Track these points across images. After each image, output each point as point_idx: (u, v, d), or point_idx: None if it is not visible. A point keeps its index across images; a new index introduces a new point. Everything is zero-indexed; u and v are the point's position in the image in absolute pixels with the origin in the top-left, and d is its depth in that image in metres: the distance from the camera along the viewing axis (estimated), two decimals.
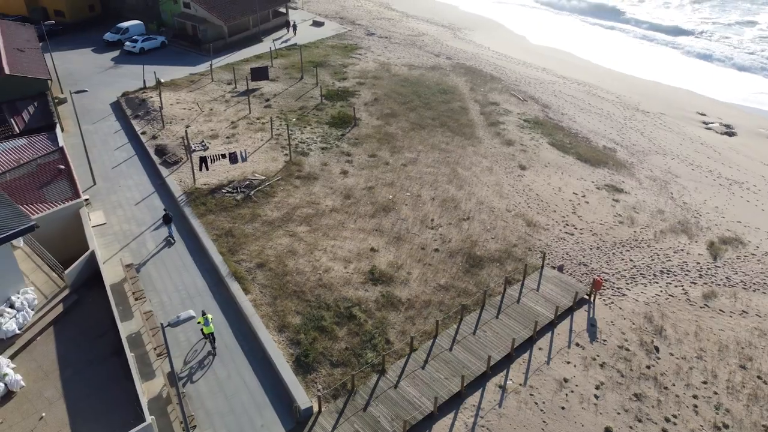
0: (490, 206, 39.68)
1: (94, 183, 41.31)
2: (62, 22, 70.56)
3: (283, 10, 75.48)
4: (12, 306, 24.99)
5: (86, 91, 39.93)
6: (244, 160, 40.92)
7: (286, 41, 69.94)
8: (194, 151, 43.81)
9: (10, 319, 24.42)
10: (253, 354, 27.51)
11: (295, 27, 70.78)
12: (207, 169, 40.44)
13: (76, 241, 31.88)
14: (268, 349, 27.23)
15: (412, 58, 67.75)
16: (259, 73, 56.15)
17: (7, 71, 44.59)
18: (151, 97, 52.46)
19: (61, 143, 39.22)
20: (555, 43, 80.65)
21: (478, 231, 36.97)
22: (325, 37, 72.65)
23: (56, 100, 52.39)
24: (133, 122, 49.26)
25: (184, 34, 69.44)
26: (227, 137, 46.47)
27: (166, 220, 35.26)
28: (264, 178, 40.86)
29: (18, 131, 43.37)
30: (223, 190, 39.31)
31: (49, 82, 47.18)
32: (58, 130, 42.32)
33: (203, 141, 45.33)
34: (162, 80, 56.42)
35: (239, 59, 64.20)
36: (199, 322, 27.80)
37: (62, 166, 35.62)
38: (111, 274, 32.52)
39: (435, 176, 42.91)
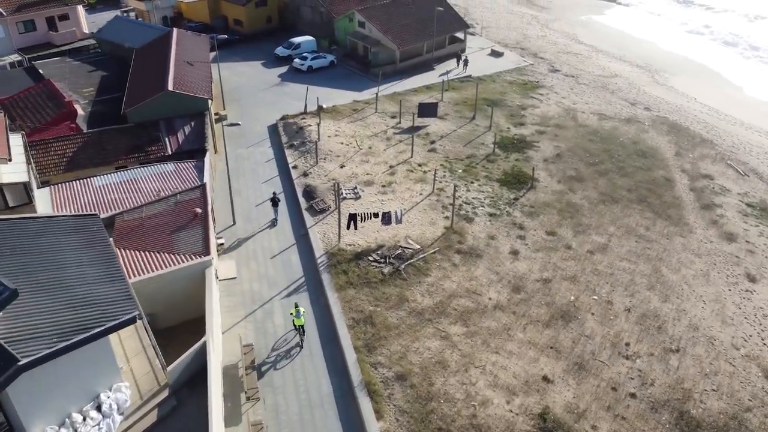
0: (709, 335, 29.26)
1: (234, 222, 36.80)
2: (239, 32, 69.23)
3: (461, 35, 68.44)
4: (99, 408, 19.96)
5: (239, 124, 35.40)
6: (399, 222, 34.14)
7: (458, 73, 62.69)
8: (345, 198, 37.91)
9: (93, 428, 19.34)
10: None
11: (466, 62, 63.10)
12: (356, 229, 34.18)
13: (193, 305, 26.97)
14: None
15: (603, 105, 57.40)
16: (428, 110, 49.41)
17: (169, 87, 41.76)
18: (310, 125, 47.68)
19: (206, 177, 35.01)
20: None
21: (693, 374, 26.90)
22: (504, 70, 64.43)
23: (216, 116, 49.58)
24: (287, 152, 44.65)
25: (354, 54, 64.88)
26: (383, 185, 40.06)
27: (274, 202, 36.64)
28: (418, 248, 33.74)
29: (170, 152, 40.28)
30: (370, 258, 32.74)
31: (210, 101, 43.91)
32: (209, 155, 38.42)
33: (356, 187, 39.29)
34: (324, 106, 51.70)
35: (407, 88, 58.06)
36: (291, 314, 27.51)
37: (199, 210, 31.06)
38: (225, 350, 27.13)
39: (631, 275, 33.16)
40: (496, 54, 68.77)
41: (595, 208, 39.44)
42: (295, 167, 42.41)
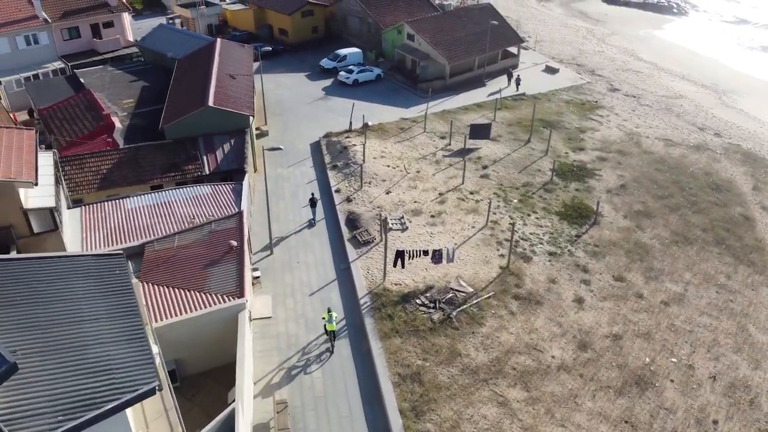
0: None
1: (271, 252, 34.06)
2: (284, 41, 67.01)
3: (514, 50, 64.75)
4: None
5: (281, 149, 32.70)
6: (451, 260, 30.83)
7: (510, 91, 58.93)
8: (391, 229, 34.81)
9: None
10: None
11: (518, 81, 59.01)
12: (402, 267, 31.01)
13: (223, 351, 24.33)
14: None
15: (669, 129, 52.93)
16: (480, 131, 45.99)
17: (210, 103, 39.41)
18: (355, 145, 44.77)
19: (244, 203, 32.36)
20: None
21: None
22: (559, 88, 60.46)
23: (257, 132, 47.17)
24: (330, 173, 41.81)
25: (401, 68, 61.87)
26: (432, 215, 36.80)
27: (312, 203, 36.49)
28: (471, 291, 30.34)
29: (208, 172, 37.88)
30: (418, 301, 29.50)
31: (251, 118, 41.42)
32: (247, 177, 35.81)
33: (403, 217, 36.13)
34: (369, 123, 48.78)
35: (457, 106, 54.69)
36: (323, 318, 27.13)
37: (235, 243, 28.36)
38: (256, 407, 24.27)
39: (714, 333, 29.10)
40: (551, 70, 64.82)
41: (668, 249, 35.36)
42: (338, 191, 39.50)
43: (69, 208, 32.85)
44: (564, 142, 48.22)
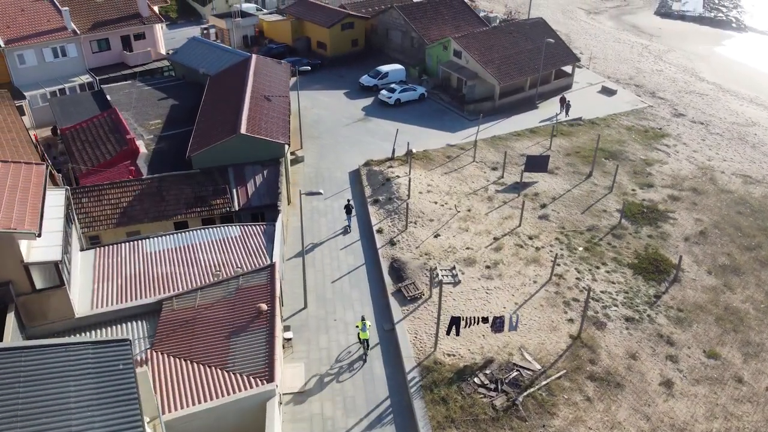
0: None
1: (305, 305, 29.81)
2: (322, 55, 63.01)
3: (568, 69, 59.61)
4: None
5: (320, 193, 28.43)
6: (514, 328, 26.13)
7: (561, 118, 53.72)
8: (441, 282, 30.23)
9: None
10: None
11: (568, 106, 53.60)
12: (457, 335, 26.42)
13: None
14: None
15: (746, 163, 47.22)
16: (536, 164, 41.10)
17: (242, 130, 35.43)
18: (398, 176, 40.32)
19: (276, 251, 28.16)
20: None
21: None
22: (619, 112, 55.09)
23: (292, 157, 43.09)
24: (371, 209, 37.44)
25: (446, 86, 57.29)
26: (487, 266, 32.11)
27: (348, 209, 35.54)
28: (539, 368, 25.59)
29: (237, 208, 33.87)
30: (476, 380, 24.86)
31: (286, 146, 37.33)
32: (281, 218, 31.62)
33: (454, 268, 31.52)
34: (414, 150, 44.30)
35: (508, 131, 49.82)
36: (357, 326, 26.70)
37: (265, 307, 24.15)
38: None
39: None
40: (608, 92, 59.44)
41: (765, 317, 30.04)
42: (380, 231, 35.10)
43: (82, 249, 29.16)
44: (629, 177, 43.01)
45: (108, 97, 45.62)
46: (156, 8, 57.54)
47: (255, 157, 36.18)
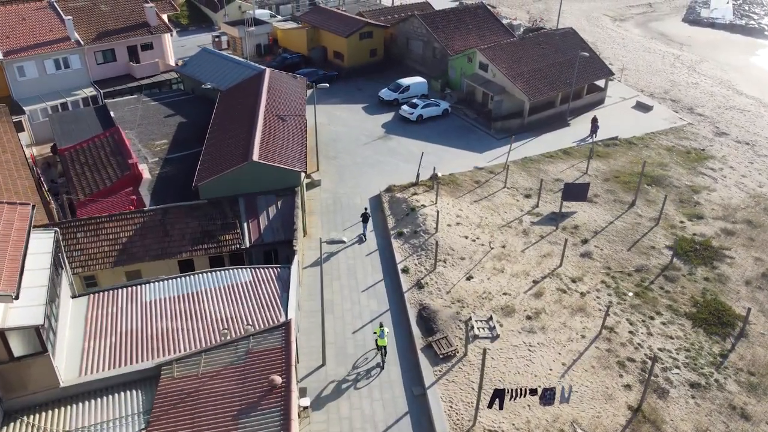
0: None
1: (323, 362, 26.20)
2: (339, 66, 59.40)
3: (601, 83, 55.60)
4: None
5: (343, 241, 24.82)
6: (566, 400, 22.36)
7: (591, 140, 49.61)
8: (476, 336, 26.57)
9: None
10: None
11: (596, 128, 48.51)
12: (500, 408, 22.67)
13: None
14: None
15: None
16: (575, 192, 37.25)
17: (255, 157, 31.88)
18: (424, 205, 36.61)
19: (292, 305, 24.58)
20: None
21: None
22: (657, 130, 51.01)
23: (307, 181, 39.54)
24: (394, 243, 33.78)
25: (470, 101, 53.49)
26: (528, 316, 28.34)
27: (364, 218, 34.47)
28: None
29: (248, 245, 30.32)
30: None
31: (303, 174, 33.76)
32: (296, 260, 28.04)
33: (491, 319, 27.79)
34: (440, 174, 40.60)
35: (539, 152, 45.93)
36: (375, 333, 26.30)
37: (279, 380, 20.51)
38: None
39: None
40: (643, 107, 55.37)
41: None
42: (405, 271, 31.43)
43: (74, 296, 25.74)
44: (676, 207, 39.03)
45: (111, 114, 42.27)
46: (165, 16, 54.20)
47: (268, 186, 32.64)
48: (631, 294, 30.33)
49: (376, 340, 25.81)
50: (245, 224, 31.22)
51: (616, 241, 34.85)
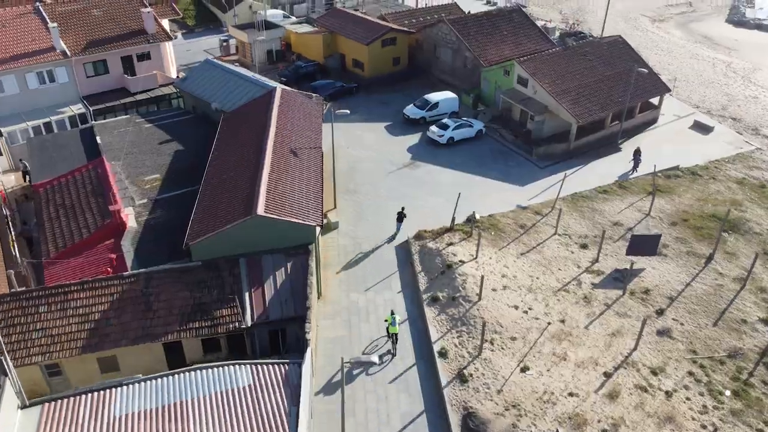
0: None
1: None
2: (358, 76, 52.90)
3: (655, 101, 48.65)
4: None
5: (374, 363, 18.56)
6: None
7: (631, 175, 42.28)
8: None
9: None
10: None
11: (638, 162, 40.52)
12: None
13: None
14: None
15: None
16: (643, 245, 30.73)
17: (260, 210, 25.62)
18: (462, 262, 30.20)
19: (303, 420, 18.45)
20: None
21: None
22: (723, 157, 43.94)
23: (324, 221, 33.15)
24: (427, 313, 27.46)
25: (506, 119, 46.82)
26: (604, 429, 21.98)
27: (399, 218, 32.94)
28: None
29: (250, 323, 24.15)
30: None
31: (318, 229, 27.47)
32: (309, 353, 21.85)
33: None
34: (478, 217, 34.20)
35: (590, 185, 39.21)
36: (386, 321, 25.53)
37: None
38: None
39: None
40: (702, 128, 48.29)
41: None
42: (443, 354, 25.14)
43: (23, 406, 19.81)
44: (761, 260, 32.27)
45: (98, 139, 36.25)
46: (166, 22, 47.92)
47: (276, 243, 26.44)
48: (728, 393, 23.85)
49: (387, 327, 25.39)
50: (247, 294, 25.05)
51: (698, 312, 28.28)
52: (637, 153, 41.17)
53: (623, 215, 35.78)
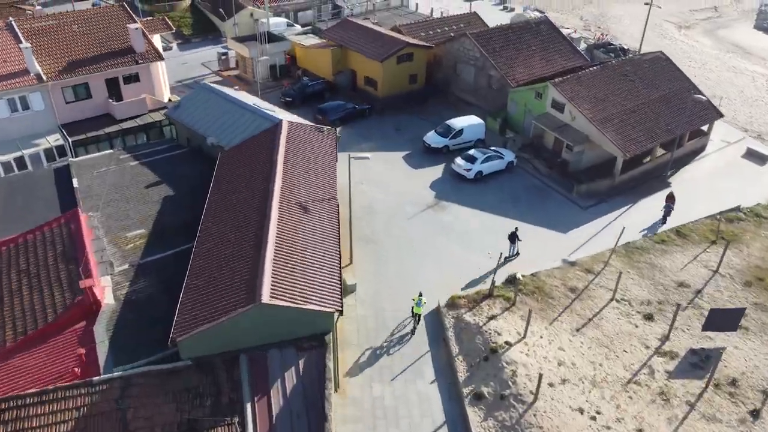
0: None
1: None
2: (371, 96, 47.32)
3: (704, 127, 43.14)
4: None
5: None
6: None
7: (662, 224, 36.22)
8: None
9: None
10: None
11: (670, 209, 34.29)
12: None
13: None
14: None
15: None
16: (721, 321, 25.35)
17: (264, 298, 20.12)
18: (509, 343, 24.78)
19: None
20: None
21: None
22: None
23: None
24: (470, 414, 22.07)
25: (538, 147, 41.34)
26: None
27: (512, 238, 30.19)
28: None
29: None
30: None
31: (336, 315, 22.00)
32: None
33: None
34: (521, 277, 28.76)
35: (640, 226, 33.86)
36: (413, 300, 25.76)
37: None
38: None
39: None
40: (757, 157, 42.80)
41: None
42: None
43: None
44: None
45: (74, 182, 30.77)
46: (157, 37, 42.30)
47: (285, 333, 21.00)
48: None
49: (412, 307, 25.66)
50: (248, 405, 19.61)
51: None
52: (670, 199, 34.65)
53: (687, 272, 30.35)
